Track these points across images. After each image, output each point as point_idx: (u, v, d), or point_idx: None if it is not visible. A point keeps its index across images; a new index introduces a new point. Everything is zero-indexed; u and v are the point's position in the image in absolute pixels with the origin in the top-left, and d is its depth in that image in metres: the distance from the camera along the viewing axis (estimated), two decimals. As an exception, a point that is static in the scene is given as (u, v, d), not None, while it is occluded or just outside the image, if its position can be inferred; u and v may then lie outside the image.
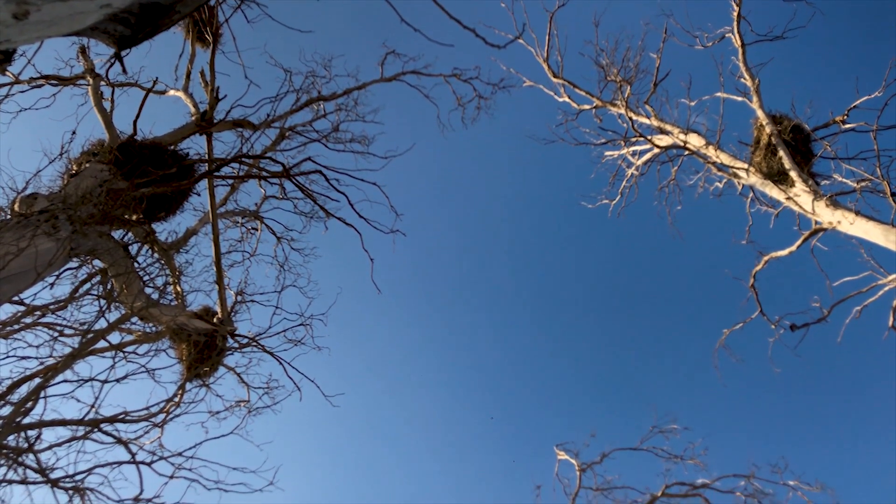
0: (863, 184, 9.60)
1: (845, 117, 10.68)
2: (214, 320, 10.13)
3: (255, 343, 10.23)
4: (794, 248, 10.53)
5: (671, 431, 13.98)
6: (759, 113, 11.55)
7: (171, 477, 8.65)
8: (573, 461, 13.59)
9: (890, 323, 9.45)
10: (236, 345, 10.41)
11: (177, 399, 9.49)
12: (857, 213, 9.26)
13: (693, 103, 12.05)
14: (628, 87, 12.62)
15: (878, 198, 9.42)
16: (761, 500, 13.10)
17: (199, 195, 10.35)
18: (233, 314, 10.53)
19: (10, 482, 7.24)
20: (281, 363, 10.16)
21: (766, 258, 11.15)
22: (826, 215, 9.73)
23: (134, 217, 9.00)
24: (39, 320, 8.01)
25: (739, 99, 11.77)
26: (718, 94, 11.78)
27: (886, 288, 9.51)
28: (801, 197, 10.18)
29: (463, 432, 31.94)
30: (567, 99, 13.92)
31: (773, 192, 10.68)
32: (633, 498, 13.36)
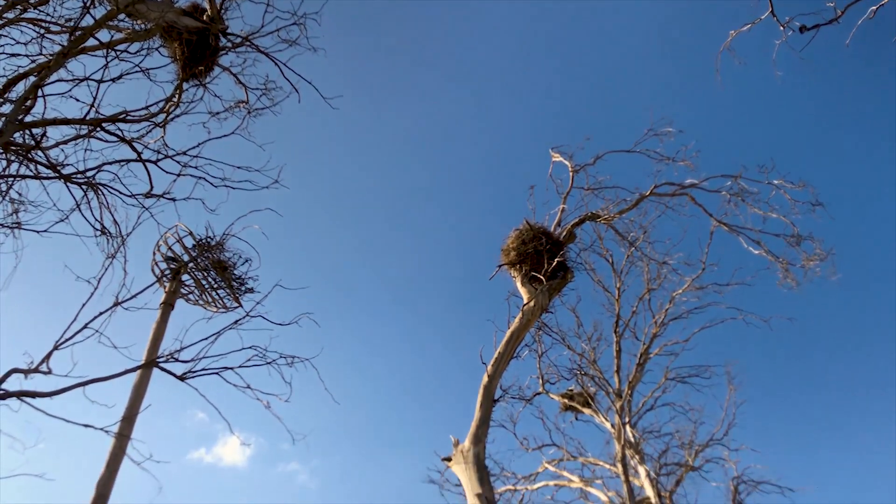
0: None
1: None
2: (204, 18, 9.77)
3: (248, 42, 9.97)
4: (818, -59, 9.76)
5: (665, 134, 14.13)
6: None
7: (179, 175, 8.98)
8: (567, 163, 13.94)
9: (904, 24, 9.10)
10: (229, 44, 10.15)
11: (175, 99, 9.50)
12: None
13: None
14: None
15: None
16: (745, 199, 13.70)
17: None
18: (223, 12, 10.11)
19: (24, 177, 7.55)
20: (276, 64, 10.00)
21: (786, -47, 10.39)
22: None
23: None
24: (22, 16, 7.73)
25: None
26: None
27: (908, -13, 9.01)
28: None
29: (461, 144, 32.40)
30: None
31: None
32: (622, 197, 13.92)
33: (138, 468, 7.84)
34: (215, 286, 11.51)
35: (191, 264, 11.18)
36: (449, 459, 9.98)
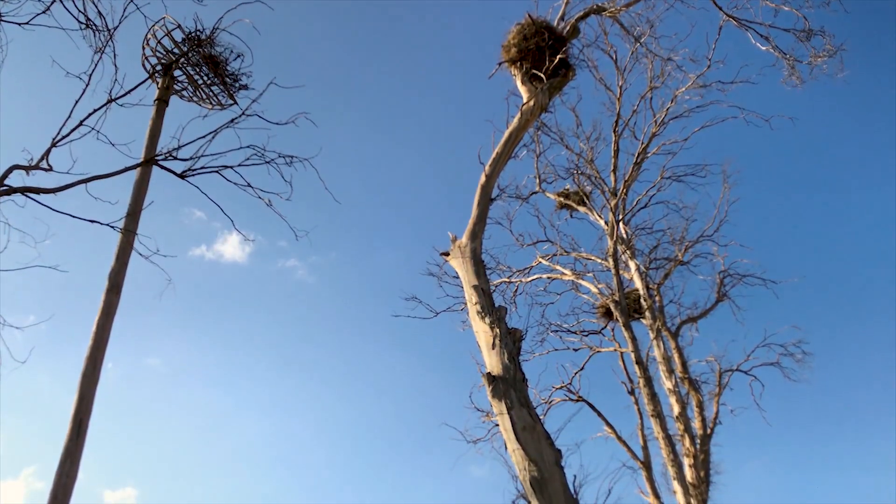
0: None
1: None
2: None
3: None
4: None
5: None
6: None
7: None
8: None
9: None
10: None
11: None
12: None
13: None
14: None
15: None
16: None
17: None
18: None
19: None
20: None
21: None
22: None
23: None
24: None
25: None
26: None
27: None
28: None
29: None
30: None
31: None
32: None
33: (146, 262, 8.17)
34: (208, 82, 11.28)
35: (182, 59, 10.87)
36: (447, 254, 10.34)
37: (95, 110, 7.93)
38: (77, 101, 7.75)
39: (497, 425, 7.99)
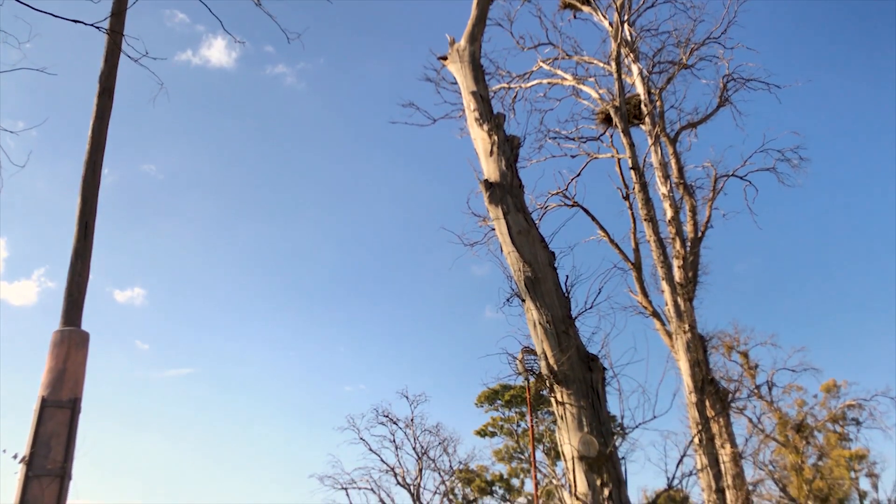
0: None
1: None
2: None
3: None
4: None
5: None
6: None
7: None
8: None
9: None
10: None
11: None
12: None
13: None
14: None
15: None
16: None
17: None
18: None
19: None
20: None
21: None
22: None
23: None
24: None
25: None
26: None
27: None
28: None
29: None
30: None
31: None
32: None
33: (134, 67, 7.96)
34: None
35: None
36: (445, 58, 10.08)
37: None
38: None
39: (493, 229, 8.23)
